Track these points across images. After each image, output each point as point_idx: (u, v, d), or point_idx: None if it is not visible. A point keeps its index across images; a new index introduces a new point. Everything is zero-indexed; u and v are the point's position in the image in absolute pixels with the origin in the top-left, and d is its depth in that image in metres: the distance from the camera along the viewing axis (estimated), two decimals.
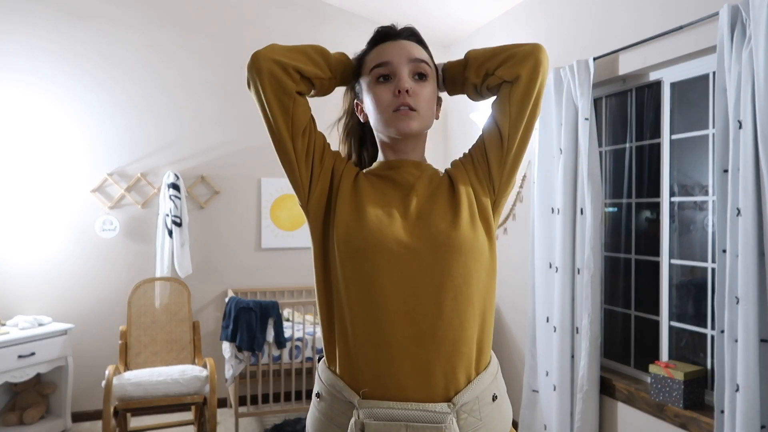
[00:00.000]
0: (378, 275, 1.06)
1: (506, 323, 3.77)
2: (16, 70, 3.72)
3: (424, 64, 1.15)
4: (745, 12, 2.04)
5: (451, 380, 1.06)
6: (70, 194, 3.85)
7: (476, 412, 1.07)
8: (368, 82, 1.15)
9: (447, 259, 1.07)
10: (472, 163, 1.20)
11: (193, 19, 4.09)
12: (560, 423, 2.95)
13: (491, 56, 1.17)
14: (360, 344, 1.08)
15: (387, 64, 1.13)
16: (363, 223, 1.08)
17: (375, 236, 1.07)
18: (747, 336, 2.02)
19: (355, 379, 1.08)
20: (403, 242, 1.07)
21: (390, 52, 1.14)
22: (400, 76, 1.12)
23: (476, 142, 1.23)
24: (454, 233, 1.09)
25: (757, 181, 2.03)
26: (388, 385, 1.05)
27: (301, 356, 3.67)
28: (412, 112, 1.12)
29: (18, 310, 3.73)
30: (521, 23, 3.59)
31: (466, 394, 1.06)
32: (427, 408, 1.03)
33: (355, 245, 1.08)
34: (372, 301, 1.06)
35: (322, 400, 1.13)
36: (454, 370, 1.07)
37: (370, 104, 1.15)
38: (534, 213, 3.19)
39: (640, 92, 2.87)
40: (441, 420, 1.02)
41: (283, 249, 4.30)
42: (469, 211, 1.13)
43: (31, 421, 3.48)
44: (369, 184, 1.16)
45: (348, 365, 1.09)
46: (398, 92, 1.11)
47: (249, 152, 4.18)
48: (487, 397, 1.10)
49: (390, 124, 1.13)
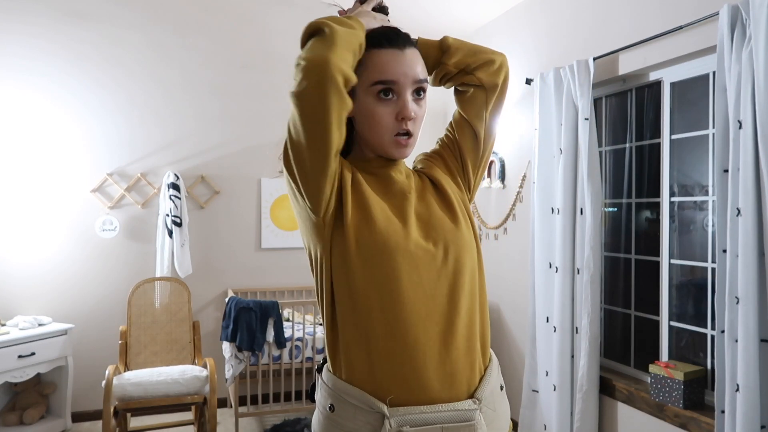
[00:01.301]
0: (400, 277, 1.05)
1: (506, 323, 3.77)
2: (16, 70, 3.72)
3: (425, 82, 1.13)
4: (745, 12, 2.05)
5: (470, 376, 1.08)
6: (70, 194, 3.85)
7: (491, 404, 1.10)
8: (367, 95, 1.09)
9: (457, 257, 1.09)
10: (443, 162, 1.23)
11: (193, 19, 4.09)
12: (560, 423, 2.95)
13: (472, 53, 1.21)
14: (383, 350, 1.05)
15: (392, 83, 1.08)
16: (375, 225, 1.06)
17: (391, 237, 1.06)
18: (747, 336, 2.02)
19: (378, 386, 1.05)
20: (420, 244, 1.08)
21: (395, 68, 1.08)
22: (405, 102, 1.09)
23: (446, 142, 1.26)
24: (459, 232, 1.12)
25: (757, 181, 2.03)
26: (415, 388, 1.04)
27: (301, 356, 3.66)
28: (410, 138, 1.11)
29: (18, 310, 3.73)
30: (521, 23, 3.59)
31: (485, 388, 1.09)
32: (457, 407, 1.04)
33: (371, 248, 1.05)
34: (393, 305, 1.04)
35: (338, 412, 1.07)
36: (472, 366, 1.09)
37: (367, 119, 1.10)
38: (534, 213, 3.19)
39: (640, 92, 2.87)
40: (472, 417, 1.04)
41: (283, 249, 4.30)
42: (459, 208, 1.16)
43: (31, 421, 3.48)
44: (368, 183, 1.13)
45: (368, 373, 1.05)
46: (401, 118, 1.09)
47: (249, 152, 4.18)
48: (497, 387, 1.14)
49: (388, 148, 1.11)
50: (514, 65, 3.62)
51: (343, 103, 0.97)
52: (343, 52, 0.97)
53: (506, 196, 3.75)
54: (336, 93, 0.94)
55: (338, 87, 0.95)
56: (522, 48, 3.56)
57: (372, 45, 1.09)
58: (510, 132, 3.69)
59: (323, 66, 0.93)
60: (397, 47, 1.09)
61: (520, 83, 3.48)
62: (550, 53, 3.29)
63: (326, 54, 0.94)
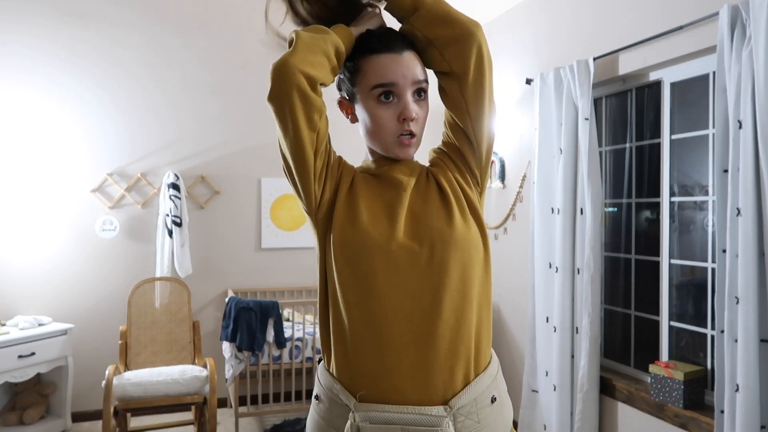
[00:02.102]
0: (376, 276, 1.06)
1: (506, 323, 3.77)
2: (16, 70, 3.72)
3: (425, 82, 1.13)
4: (745, 12, 2.04)
5: (449, 382, 1.05)
6: (70, 194, 3.85)
7: (474, 415, 1.06)
8: (367, 99, 1.11)
9: (444, 256, 1.07)
10: (450, 158, 1.20)
11: (193, 19, 4.09)
12: (560, 423, 2.95)
13: (443, 20, 1.10)
14: (358, 346, 1.07)
15: (392, 86, 1.09)
16: (358, 225, 1.08)
17: (372, 237, 1.07)
18: (747, 336, 2.02)
19: (353, 381, 1.07)
20: (401, 242, 1.07)
21: (394, 71, 1.09)
22: (405, 104, 1.09)
23: (445, 136, 1.22)
24: (450, 230, 1.09)
25: (757, 181, 2.03)
26: (386, 387, 1.05)
27: (301, 356, 3.66)
28: (413, 138, 1.12)
29: (18, 310, 3.73)
30: (521, 23, 3.59)
31: (463, 396, 1.05)
32: (424, 411, 1.02)
33: (352, 246, 1.07)
34: (370, 302, 1.06)
35: (321, 403, 1.13)
36: (452, 370, 1.06)
37: (369, 122, 1.12)
38: (534, 213, 3.19)
39: (640, 92, 2.87)
40: (437, 423, 1.01)
41: (283, 249, 4.31)
42: (458, 206, 1.13)
43: (31, 421, 3.48)
44: (365, 186, 1.15)
45: (346, 367, 1.09)
46: (403, 119, 1.10)
47: (249, 152, 4.18)
48: (486, 399, 1.09)
49: (391, 149, 1.13)
50: (514, 65, 3.62)
51: (308, 103, 1.03)
52: (305, 54, 1.02)
53: (506, 196, 3.75)
54: (298, 92, 1.01)
55: (300, 87, 1.01)
56: (522, 48, 3.56)
57: (369, 51, 1.11)
58: (510, 132, 3.69)
59: (281, 69, 1.01)
60: (394, 51, 1.10)
61: (520, 83, 3.48)
62: (550, 53, 3.29)
63: (285, 58, 1.02)
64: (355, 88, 1.13)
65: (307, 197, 1.11)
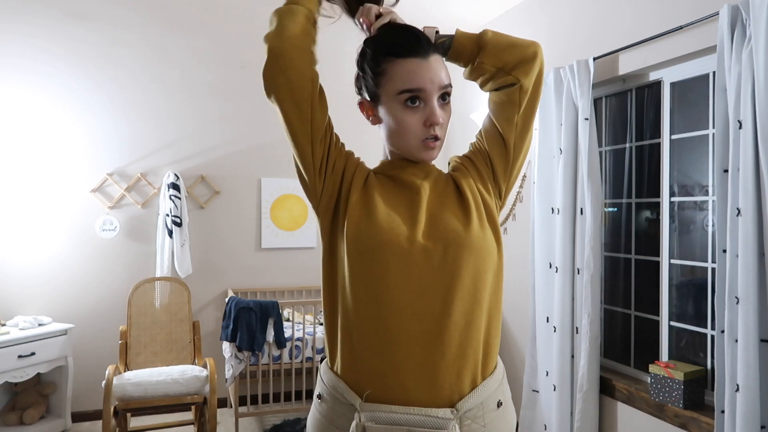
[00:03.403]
0: (388, 273, 1.05)
1: (506, 323, 3.77)
2: (16, 70, 3.72)
3: (450, 87, 1.13)
4: (745, 12, 2.04)
5: (456, 384, 1.05)
6: (70, 194, 3.85)
7: (480, 419, 1.06)
8: (393, 103, 1.11)
9: (458, 259, 1.06)
10: (474, 166, 1.20)
11: (193, 19, 4.09)
12: (560, 423, 2.95)
13: (509, 48, 1.16)
14: (365, 344, 1.06)
15: (419, 91, 1.09)
16: (374, 222, 1.08)
17: (386, 234, 1.06)
18: (747, 336, 2.02)
19: (358, 380, 1.07)
20: (415, 241, 1.07)
21: (422, 77, 1.09)
22: (432, 109, 1.10)
23: (476, 145, 1.22)
24: (466, 233, 1.08)
25: (757, 181, 2.03)
26: (392, 386, 1.04)
27: (301, 356, 3.66)
28: (437, 142, 1.12)
29: (18, 310, 3.73)
30: (521, 23, 3.59)
31: (470, 399, 1.05)
32: (430, 413, 1.02)
33: (366, 243, 1.06)
34: (379, 300, 1.05)
35: (323, 402, 1.12)
36: (460, 373, 1.05)
37: (394, 126, 1.12)
38: (534, 213, 3.19)
39: (640, 92, 2.87)
40: (443, 426, 1.01)
41: (283, 249, 4.30)
42: (477, 212, 1.13)
43: (31, 421, 3.48)
44: (379, 184, 1.15)
45: (351, 366, 1.08)
46: (429, 125, 1.10)
47: (249, 152, 4.17)
48: (492, 403, 1.09)
49: (416, 152, 1.13)
50: None
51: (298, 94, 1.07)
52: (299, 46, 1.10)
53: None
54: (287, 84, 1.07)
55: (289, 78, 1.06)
56: None
57: (395, 54, 1.10)
58: None
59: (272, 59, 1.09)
60: (420, 56, 1.09)
61: None
62: (550, 53, 3.28)
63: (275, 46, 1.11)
64: (379, 90, 1.12)
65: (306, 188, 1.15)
